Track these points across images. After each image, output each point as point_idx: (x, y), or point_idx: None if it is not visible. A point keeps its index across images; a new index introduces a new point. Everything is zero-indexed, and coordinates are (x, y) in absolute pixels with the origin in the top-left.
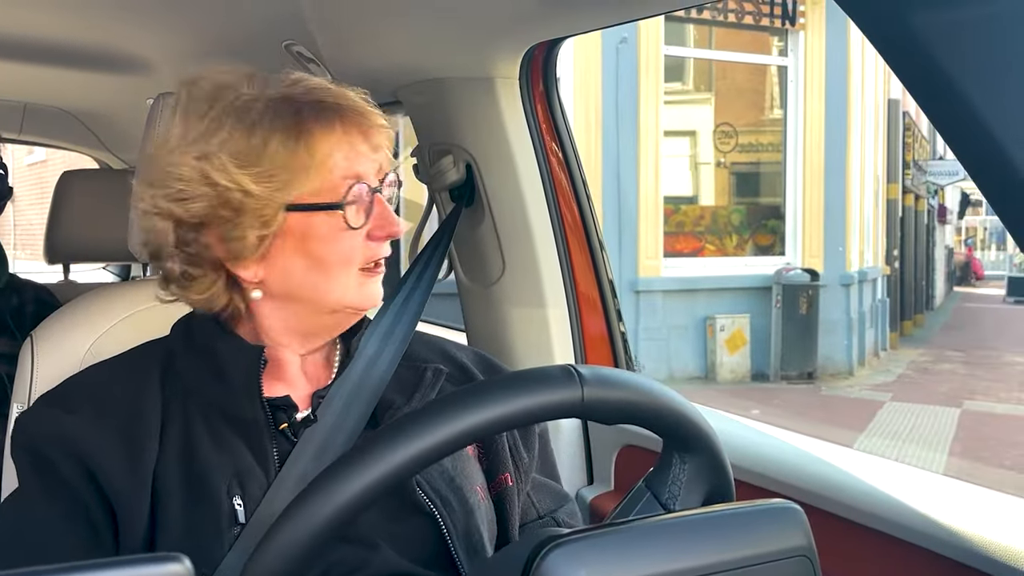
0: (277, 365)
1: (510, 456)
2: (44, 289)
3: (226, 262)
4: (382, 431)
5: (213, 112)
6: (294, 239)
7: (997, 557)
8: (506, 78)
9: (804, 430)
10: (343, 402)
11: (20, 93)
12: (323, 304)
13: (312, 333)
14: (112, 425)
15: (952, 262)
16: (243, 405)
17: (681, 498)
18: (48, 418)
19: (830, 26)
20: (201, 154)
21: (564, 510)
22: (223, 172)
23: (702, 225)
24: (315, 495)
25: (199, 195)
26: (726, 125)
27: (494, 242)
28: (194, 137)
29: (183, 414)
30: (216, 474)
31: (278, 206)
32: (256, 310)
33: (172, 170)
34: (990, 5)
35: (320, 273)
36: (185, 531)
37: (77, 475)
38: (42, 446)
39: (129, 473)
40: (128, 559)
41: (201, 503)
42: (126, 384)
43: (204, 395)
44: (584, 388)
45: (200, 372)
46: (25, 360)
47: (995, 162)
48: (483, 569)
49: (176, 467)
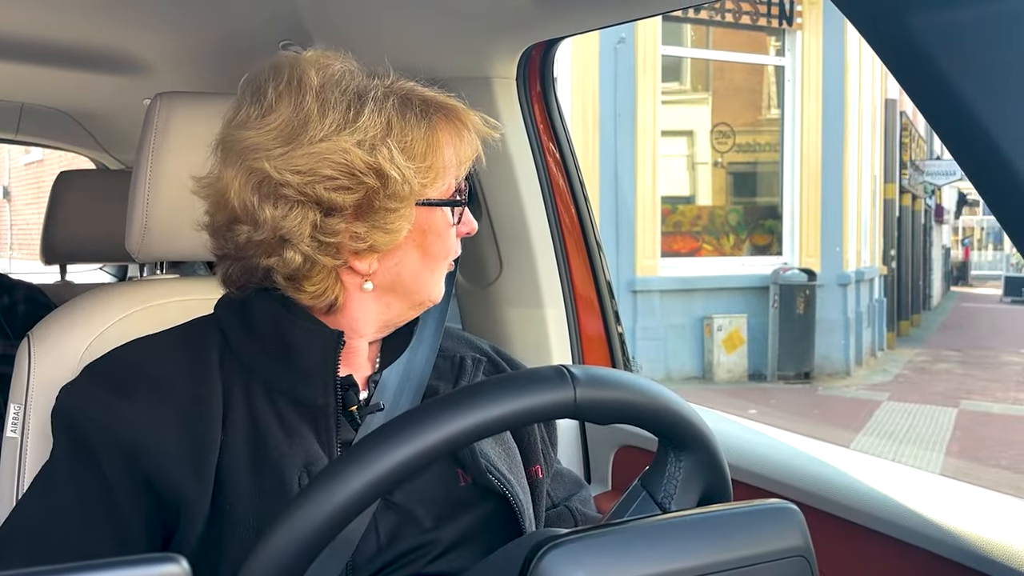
0: (350, 351)
1: (541, 451)
2: (35, 288)
3: (354, 255)
4: (373, 434)
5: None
6: (416, 233)
7: (994, 557)
8: (503, 78)
9: (801, 430)
10: (395, 388)
11: (17, 93)
12: (421, 297)
13: (393, 323)
14: (169, 411)
15: (949, 262)
16: (315, 389)
17: (677, 497)
18: (96, 403)
19: (827, 26)
20: (366, 143)
21: (578, 497)
22: (392, 164)
23: (699, 225)
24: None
25: (360, 184)
26: (723, 125)
27: (491, 242)
28: (355, 126)
29: (246, 399)
30: (288, 463)
31: (416, 199)
32: (353, 302)
33: (335, 158)
34: (986, 6)
35: (427, 267)
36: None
37: (120, 472)
38: (82, 428)
39: (189, 463)
40: (126, 559)
41: (273, 496)
42: (180, 366)
43: (268, 376)
44: (576, 389)
45: (263, 355)
46: (22, 361)
47: (991, 162)
48: (482, 569)
49: (244, 456)
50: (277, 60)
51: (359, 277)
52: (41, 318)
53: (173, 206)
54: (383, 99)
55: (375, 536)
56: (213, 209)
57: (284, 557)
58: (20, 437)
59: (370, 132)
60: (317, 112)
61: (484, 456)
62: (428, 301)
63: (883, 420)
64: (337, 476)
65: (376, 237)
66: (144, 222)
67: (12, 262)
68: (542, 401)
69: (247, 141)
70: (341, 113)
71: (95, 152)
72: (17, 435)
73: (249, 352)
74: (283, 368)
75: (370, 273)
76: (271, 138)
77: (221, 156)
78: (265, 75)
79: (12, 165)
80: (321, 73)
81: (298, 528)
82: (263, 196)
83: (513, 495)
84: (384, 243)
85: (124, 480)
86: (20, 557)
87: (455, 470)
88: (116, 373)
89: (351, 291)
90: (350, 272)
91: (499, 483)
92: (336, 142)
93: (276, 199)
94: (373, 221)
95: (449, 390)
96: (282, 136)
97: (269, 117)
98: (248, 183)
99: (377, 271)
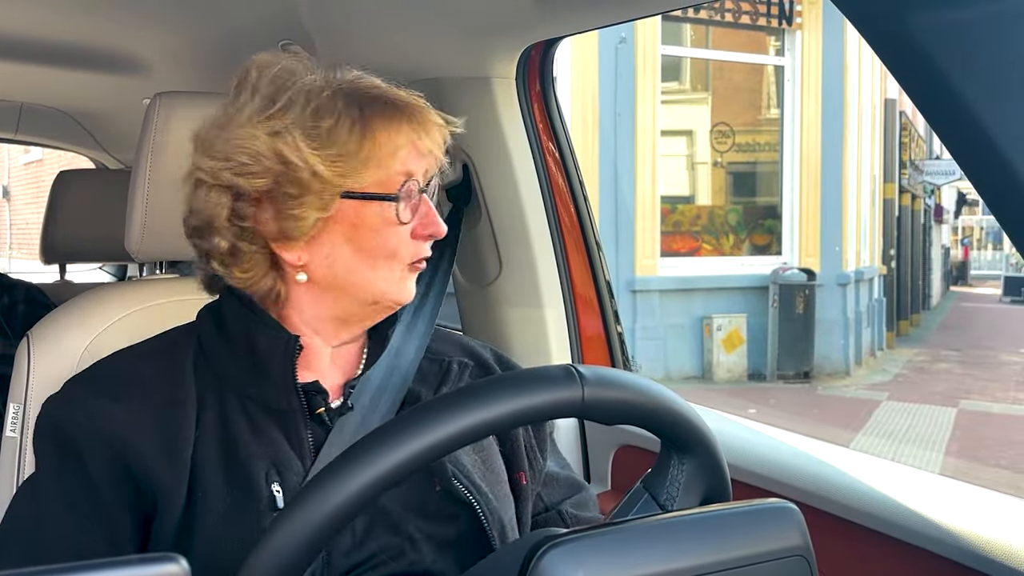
0: (309, 353)
1: (526, 456)
2: (35, 288)
3: (273, 242)
4: (384, 428)
5: (289, 92)
6: (344, 226)
7: (993, 557)
8: (503, 78)
9: (801, 430)
10: (373, 392)
11: (17, 93)
12: (365, 294)
13: (347, 322)
14: (148, 410)
15: (948, 262)
16: (279, 394)
17: (679, 499)
18: (79, 403)
19: (827, 26)
20: (273, 131)
21: (572, 501)
22: (295, 150)
23: (699, 225)
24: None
25: (266, 170)
26: (723, 125)
27: (491, 242)
28: (269, 114)
29: (219, 402)
30: (256, 462)
31: (336, 191)
32: (296, 295)
33: (241, 143)
34: (986, 6)
35: (364, 263)
36: (224, 517)
37: (105, 468)
38: (69, 432)
39: (166, 457)
40: (125, 559)
41: (241, 490)
42: (160, 370)
43: (239, 383)
44: (585, 388)
45: (234, 360)
46: (22, 360)
47: (991, 162)
48: (481, 569)
49: (215, 455)
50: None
51: (292, 268)
52: (41, 318)
53: (172, 206)
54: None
55: (351, 532)
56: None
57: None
58: (20, 437)
59: (284, 121)
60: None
61: (455, 463)
62: (385, 300)
63: (882, 420)
64: (349, 465)
65: (284, 224)
66: (143, 222)
67: (12, 262)
68: (551, 399)
69: (200, 136)
70: (262, 103)
71: (95, 152)
72: (17, 435)
73: (221, 358)
74: (250, 373)
75: (300, 264)
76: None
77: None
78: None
79: (12, 165)
80: (261, 70)
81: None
82: (194, 184)
83: (480, 503)
84: (294, 230)
85: (106, 474)
86: (14, 559)
87: (431, 476)
88: (98, 380)
89: (291, 283)
90: (285, 263)
91: (464, 491)
92: (249, 130)
93: (197, 185)
94: (278, 207)
95: (431, 395)
96: (214, 128)
97: (216, 114)
98: (189, 175)
99: (309, 263)
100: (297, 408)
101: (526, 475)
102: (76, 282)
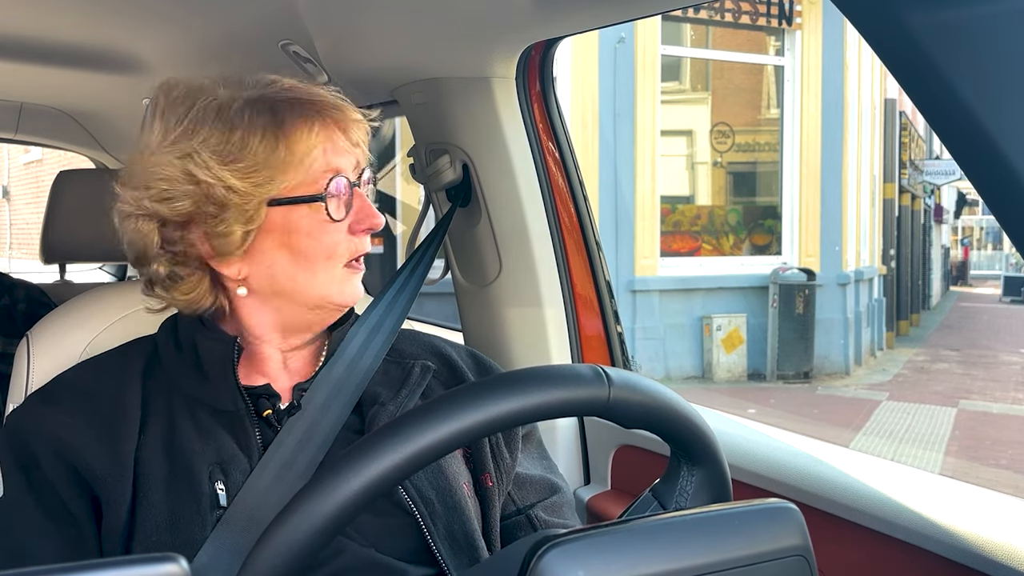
0: (257, 358)
1: (491, 458)
2: (35, 288)
3: (210, 260)
4: (415, 411)
5: (192, 113)
6: (277, 234)
7: (993, 557)
8: (503, 78)
9: (800, 429)
10: (326, 393)
11: (17, 93)
12: (306, 299)
13: (294, 328)
14: (92, 416)
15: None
16: (222, 395)
17: (687, 509)
18: (33, 414)
19: (827, 25)
20: (183, 153)
21: (543, 504)
22: (205, 169)
23: (699, 225)
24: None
25: (183, 193)
26: (723, 125)
27: (491, 242)
28: (174, 138)
29: (167, 407)
30: (198, 460)
31: (260, 201)
32: (239, 308)
33: (155, 170)
34: (986, 6)
35: (303, 268)
36: (168, 514)
37: (59, 470)
38: (27, 442)
39: (109, 458)
40: (124, 559)
41: (183, 487)
42: (109, 379)
43: (187, 388)
44: (611, 389)
45: (183, 366)
46: (21, 360)
47: (991, 162)
48: (480, 569)
49: (159, 455)
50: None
51: (233, 283)
52: (41, 318)
53: None
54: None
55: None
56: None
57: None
58: None
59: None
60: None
61: None
62: (328, 303)
63: (882, 420)
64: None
65: (215, 242)
66: None
67: (11, 262)
68: (578, 396)
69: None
70: (168, 129)
71: (94, 152)
72: None
73: (173, 365)
74: (198, 377)
75: (241, 279)
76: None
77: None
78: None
79: (11, 164)
80: (166, 94)
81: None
82: (121, 217)
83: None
84: (225, 247)
85: (65, 477)
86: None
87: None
88: (52, 391)
89: (233, 297)
90: (226, 279)
91: (406, 496)
92: (159, 156)
93: (124, 217)
94: (204, 227)
95: (389, 397)
96: (130, 159)
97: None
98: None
99: (249, 276)
100: (243, 409)
101: (491, 476)
102: (76, 282)
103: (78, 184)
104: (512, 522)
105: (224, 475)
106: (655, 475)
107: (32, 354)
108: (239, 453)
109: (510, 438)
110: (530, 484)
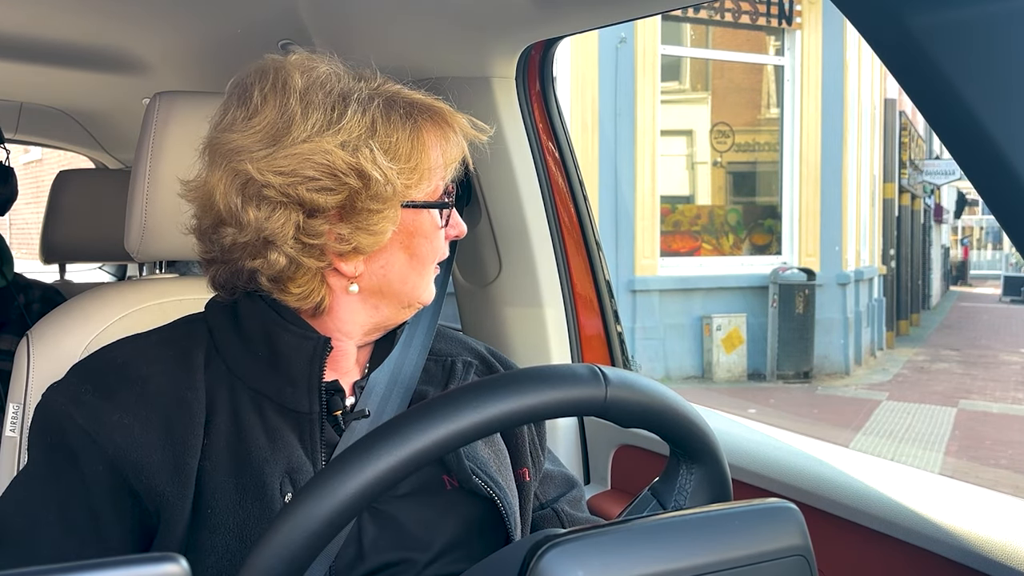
0: (338, 354)
1: (530, 454)
2: (51, 288)
3: (338, 256)
4: (412, 412)
5: (345, 102)
6: (401, 235)
7: (993, 557)
8: (503, 78)
9: (800, 429)
10: (383, 392)
11: (17, 93)
12: (409, 299)
13: (381, 326)
14: (152, 416)
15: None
16: (300, 395)
17: (686, 507)
18: (79, 400)
19: (826, 25)
20: (346, 143)
21: (566, 498)
22: (375, 165)
23: (699, 224)
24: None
25: (342, 185)
26: (723, 124)
27: (491, 242)
28: (339, 127)
29: (232, 404)
30: (269, 470)
31: (400, 202)
32: (339, 305)
33: (316, 159)
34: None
35: (415, 270)
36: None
37: (99, 473)
38: (66, 428)
39: (172, 472)
40: (125, 559)
41: (253, 503)
42: (167, 366)
43: (253, 383)
44: (608, 388)
45: (251, 359)
46: (21, 359)
47: (991, 162)
48: (481, 569)
49: (225, 460)
50: (263, 63)
51: (345, 279)
52: None
53: (172, 205)
54: (368, 101)
55: (357, 543)
56: (200, 212)
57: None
58: (19, 436)
59: (353, 133)
60: (300, 114)
61: (473, 459)
62: (418, 303)
63: (882, 419)
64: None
65: (360, 239)
66: (143, 221)
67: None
68: (575, 396)
69: (232, 143)
70: (324, 114)
71: (94, 151)
72: (16, 434)
73: (236, 355)
74: (269, 373)
75: (356, 276)
76: (255, 140)
77: (208, 159)
78: (251, 78)
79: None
80: (306, 76)
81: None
82: (247, 198)
83: (501, 498)
84: (368, 245)
85: (105, 484)
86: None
87: (441, 475)
88: (102, 373)
89: (337, 293)
90: (336, 274)
91: (486, 486)
92: (318, 143)
93: (259, 201)
94: (356, 222)
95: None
96: (266, 138)
97: (254, 120)
98: (233, 185)
99: (363, 273)
100: (317, 410)
101: (529, 472)
102: (76, 282)
103: (78, 184)
104: (538, 516)
105: (292, 485)
106: (655, 475)
107: (32, 353)
108: (305, 459)
109: (541, 435)
110: (550, 479)
